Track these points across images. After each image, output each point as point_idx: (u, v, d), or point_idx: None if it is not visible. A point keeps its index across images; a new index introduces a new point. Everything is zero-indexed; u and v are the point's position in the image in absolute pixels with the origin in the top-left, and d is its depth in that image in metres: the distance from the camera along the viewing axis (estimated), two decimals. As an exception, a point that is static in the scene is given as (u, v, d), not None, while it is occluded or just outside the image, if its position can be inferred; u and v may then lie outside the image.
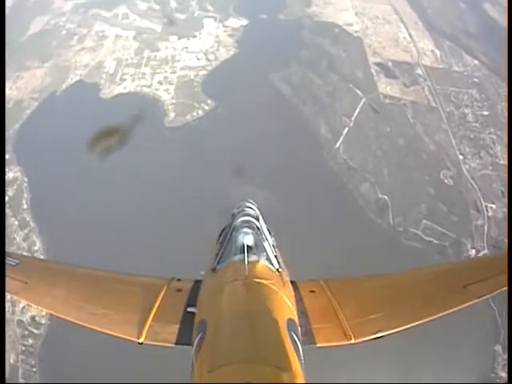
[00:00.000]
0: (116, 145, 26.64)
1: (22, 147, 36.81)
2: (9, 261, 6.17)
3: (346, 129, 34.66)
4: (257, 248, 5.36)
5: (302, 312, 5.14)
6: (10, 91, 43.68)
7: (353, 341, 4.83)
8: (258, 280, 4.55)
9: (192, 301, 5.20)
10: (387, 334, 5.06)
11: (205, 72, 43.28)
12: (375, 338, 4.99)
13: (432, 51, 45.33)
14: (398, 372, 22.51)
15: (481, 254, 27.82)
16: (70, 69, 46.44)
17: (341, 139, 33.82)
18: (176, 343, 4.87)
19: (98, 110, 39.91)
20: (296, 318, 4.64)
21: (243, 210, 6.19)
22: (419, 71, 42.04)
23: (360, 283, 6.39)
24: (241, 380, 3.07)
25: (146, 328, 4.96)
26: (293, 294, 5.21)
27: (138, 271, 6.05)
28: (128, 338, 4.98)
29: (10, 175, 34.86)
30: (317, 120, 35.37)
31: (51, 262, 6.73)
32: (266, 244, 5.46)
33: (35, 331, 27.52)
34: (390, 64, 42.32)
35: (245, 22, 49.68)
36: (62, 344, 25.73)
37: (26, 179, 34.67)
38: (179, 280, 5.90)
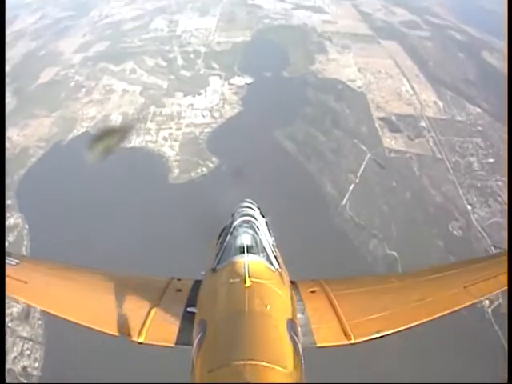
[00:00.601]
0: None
1: (25, 194, 38.61)
2: (9, 261, 6.51)
3: (352, 185, 36.49)
4: (257, 248, 5.66)
5: (302, 312, 5.45)
6: (17, 137, 47.07)
7: (353, 341, 5.08)
8: (257, 280, 4.76)
9: (192, 301, 5.51)
10: (387, 334, 5.29)
11: (210, 129, 45.71)
12: (375, 338, 5.22)
13: (435, 102, 48.53)
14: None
15: (496, 304, 28.19)
16: (76, 120, 49.37)
17: (347, 196, 35.51)
18: (176, 343, 5.10)
19: (102, 163, 42.66)
20: (296, 318, 4.90)
21: (243, 210, 6.56)
22: (423, 123, 44.80)
23: (360, 283, 6.70)
24: (241, 380, 3.22)
25: (146, 328, 5.18)
26: (293, 293, 5.52)
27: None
28: (128, 337, 5.18)
29: (10, 221, 36.16)
30: (322, 177, 37.40)
31: (51, 262, 7.05)
32: (265, 244, 5.75)
33: (25, 382, 27.74)
34: (393, 118, 45.26)
35: (249, 79, 53.56)
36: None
37: (26, 226, 36.02)
38: (179, 280, 6.30)
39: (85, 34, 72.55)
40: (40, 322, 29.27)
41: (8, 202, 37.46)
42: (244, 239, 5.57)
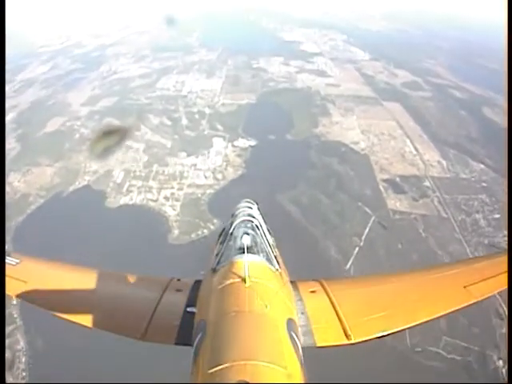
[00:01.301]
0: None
1: (22, 241, 39.42)
2: (9, 260, 6.76)
3: (357, 249, 38.05)
4: (257, 248, 5.93)
5: (302, 312, 5.63)
6: (18, 183, 49.33)
7: (353, 341, 5.27)
8: (257, 280, 4.97)
9: (192, 301, 5.75)
10: (387, 334, 5.49)
11: (212, 191, 47.46)
12: (375, 338, 5.42)
13: (438, 162, 51.76)
14: None
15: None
16: (78, 173, 51.57)
17: (351, 260, 37.00)
18: (176, 343, 5.30)
19: (102, 218, 43.75)
20: (296, 318, 5.11)
21: (243, 210, 6.85)
22: (427, 183, 47.49)
23: (360, 283, 7.06)
24: (241, 380, 3.34)
25: (146, 327, 5.43)
26: (293, 293, 5.82)
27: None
28: (128, 337, 5.44)
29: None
30: (326, 241, 39.13)
31: (51, 261, 7.56)
32: (265, 244, 6.04)
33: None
34: (397, 179, 48.09)
35: (253, 142, 56.63)
36: None
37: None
38: (179, 280, 6.55)
39: (93, 87, 79.45)
40: (24, 373, 30.17)
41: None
42: (244, 239, 5.78)
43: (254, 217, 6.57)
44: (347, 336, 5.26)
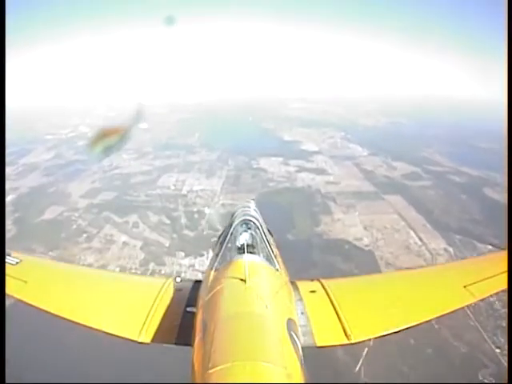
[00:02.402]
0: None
1: (7, 330, 40.22)
2: (9, 260, 7.14)
3: (366, 349, 38.11)
4: (256, 248, 6.28)
5: (302, 312, 5.92)
6: None
7: (353, 341, 5.54)
8: (257, 280, 5.26)
9: (192, 301, 6.04)
10: (387, 334, 5.79)
11: None
12: (375, 338, 5.85)
13: (445, 249, 54.54)
14: None
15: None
16: (72, 264, 53.36)
17: (361, 361, 37.19)
18: (176, 343, 5.61)
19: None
20: (296, 318, 5.31)
21: (243, 211, 7.19)
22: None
23: (360, 283, 7.41)
24: (240, 380, 3.50)
25: (146, 328, 5.75)
26: (293, 293, 6.11)
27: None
28: (128, 337, 5.72)
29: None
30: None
31: (51, 261, 8.07)
32: (265, 244, 6.36)
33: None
34: None
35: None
36: None
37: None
38: (179, 280, 6.87)
39: (94, 180, 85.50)
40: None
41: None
42: (244, 239, 6.25)
43: (253, 217, 6.94)
44: (347, 336, 5.54)
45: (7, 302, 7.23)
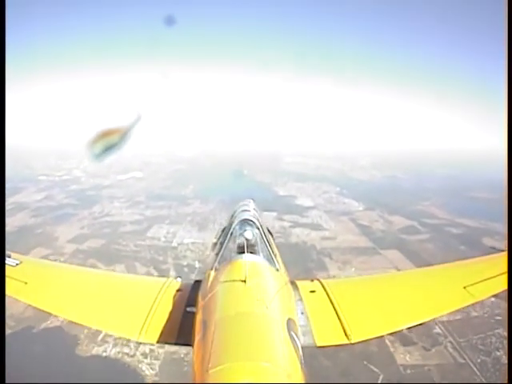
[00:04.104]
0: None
1: None
2: (9, 261, 7.29)
3: None
4: (256, 248, 6.44)
5: (302, 312, 6.08)
6: None
7: (352, 340, 5.71)
8: (257, 280, 5.40)
9: (192, 301, 6.18)
10: (387, 334, 6.10)
11: None
12: (375, 338, 5.95)
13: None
14: None
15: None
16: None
17: None
18: (176, 343, 5.76)
19: (69, 365, 42.77)
20: (296, 318, 5.45)
21: (243, 210, 7.40)
22: (437, 330, 48.54)
23: (360, 283, 7.66)
24: (240, 380, 3.57)
25: (146, 327, 5.89)
26: (293, 293, 6.30)
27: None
28: (128, 337, 5.97)
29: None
30: (332, 407, 38.12)
31: (51, 262, 8.28)
32: (265, 244, 6.53)
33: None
34: (404, 330, 47.39)
35: None
36: None
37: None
38: (179, 280, 7.10)
39: (83, 226, 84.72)
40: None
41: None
42: (244, 239, 6.37)
43: (253, 217, 7.13)
44: (347, 336, 5.72)
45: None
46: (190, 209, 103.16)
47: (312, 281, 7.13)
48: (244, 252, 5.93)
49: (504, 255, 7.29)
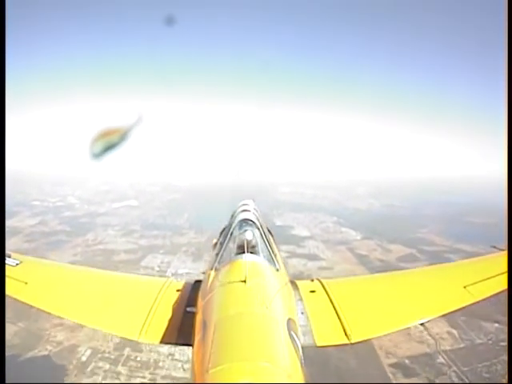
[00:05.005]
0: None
1: None
2: (9, 261, 7.41)
3: None
4: (257, 248, 6.52)
5: (302, 312, 6.20)
6: None
7: (352, 340, 5.83)
8: (257, 280, 5.48)
9: (192, 301, 6.31)
10: (387, 334, 6.10)
11: None
12: (375, 338, 6.13)
13: (448, 333, 53.15)
14: None
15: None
16: (41, 339, 51.21)
17: None
18: (176, 343, 5.88)
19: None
20: (296, 318, 5.55)
21: (243, 211, 7.53)
22: (441, 359, 48.11)
23: (360, 283, 7.79)
24: (240, 380, 3.58)
25: (147, 327, 6.01)
26: (293, 293, 6.44)
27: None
28: (128, 337, 6.04)
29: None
30: None
31: (51, 262, 8.17)
32: (265, 244, 6.66)
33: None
34: (407, 361, 48.19)
35: None
36: None
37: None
38: (179, 280, 7.34)
39: (76, 253, 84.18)
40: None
41: None
42: (244, 239, 6.44)
43: (253, 217, 7.27)
44: (347, 336, 5.85)
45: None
46: (184, 239, 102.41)
47: (312, 281, 7.30)
48: (244, 252, 6.02)
49: (504, 255, 7.43)
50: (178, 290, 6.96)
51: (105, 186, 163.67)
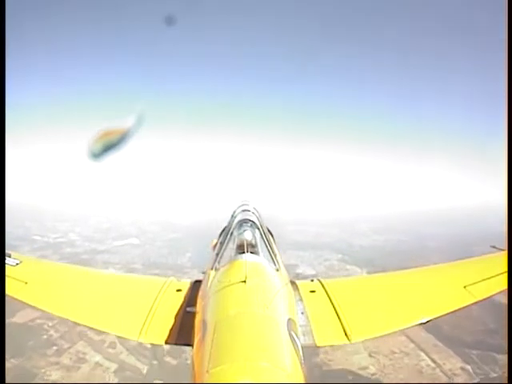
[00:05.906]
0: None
1: None
2: (9, 261, 7.56)
3: None
4: (257, 248, 6.69)
5: (302, 312, 6.27)
6: None
7: (352, 340, 5.89)
8: (257, 280, 5.53)
9: (192, 301, 6.38)
10: (387, 334, 6.17)
11: None
12: (375, 338, 6.15)
13: (462, 368, 52.07)
14: None
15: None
16: (35, 377, 49.71)
17: None
18: (176, 343, 5.88)
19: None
20: (296, 318, 5.59)
21: (243, 210, 7.77)
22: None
23: (360, 283, 7.90)
24: (240, 380, 3.59)
25: (146, 328, 6.06)
26: (293, 293, 6.46)
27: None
28: (128, 337, 6.10)
29: None
30: None
31: (51, 262, 7.76)
32: (265, 243, 6.81)
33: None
34: None
35: None
36: None
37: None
38: (179, 280, 7.44)
39: None
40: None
41: None
42: (244, 239, 6.60)
43: (253, 217, 7.50)
44: (347, 336, 5.90)
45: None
46: (186, 278, 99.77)
47: (312, 281, 7.33)
48: (244, 252, 6.17)
49: (504, 255, 7.51)
50: (178, 290, 7.04)
51: (106, 224, 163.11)
